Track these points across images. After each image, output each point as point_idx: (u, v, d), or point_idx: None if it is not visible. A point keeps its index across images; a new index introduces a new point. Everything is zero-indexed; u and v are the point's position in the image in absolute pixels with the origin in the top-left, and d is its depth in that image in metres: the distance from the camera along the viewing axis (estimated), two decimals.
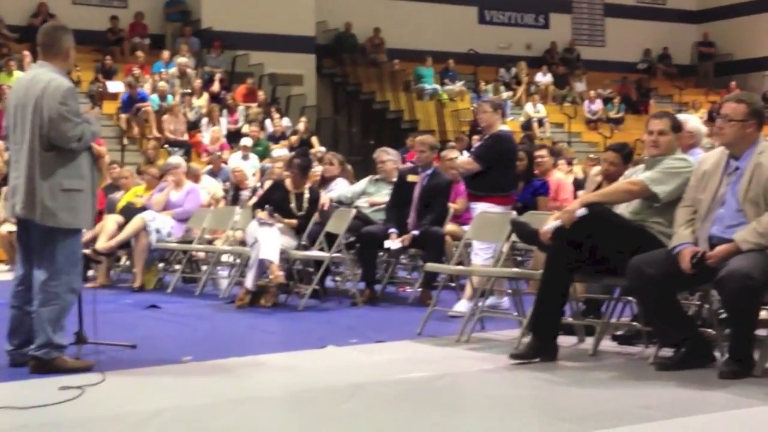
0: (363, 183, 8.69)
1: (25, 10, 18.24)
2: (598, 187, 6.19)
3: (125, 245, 9.00)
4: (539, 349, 5.04)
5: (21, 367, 4.83)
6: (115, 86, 16.96)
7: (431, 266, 6.78)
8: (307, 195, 7.98)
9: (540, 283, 5.16)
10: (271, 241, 7.35)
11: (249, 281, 7.42)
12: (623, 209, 5.16)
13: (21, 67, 16.06)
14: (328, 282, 8.31)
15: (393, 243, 7.54)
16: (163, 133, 15.95)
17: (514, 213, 6.57)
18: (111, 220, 9.04)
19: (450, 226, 7.93)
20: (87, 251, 7.85)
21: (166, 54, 18.15)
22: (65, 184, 4.81)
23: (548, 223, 5.08)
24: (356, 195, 8.51)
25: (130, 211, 9.18)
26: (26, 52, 16.59)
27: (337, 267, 8.42)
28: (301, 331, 6.53)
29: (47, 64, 4.95)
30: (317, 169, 9.40)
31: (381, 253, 7.97)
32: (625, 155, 6.35)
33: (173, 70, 17.68)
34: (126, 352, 5.36)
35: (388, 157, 8.64)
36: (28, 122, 4.81)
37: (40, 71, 4.93)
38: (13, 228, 10.93)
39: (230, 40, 19.16)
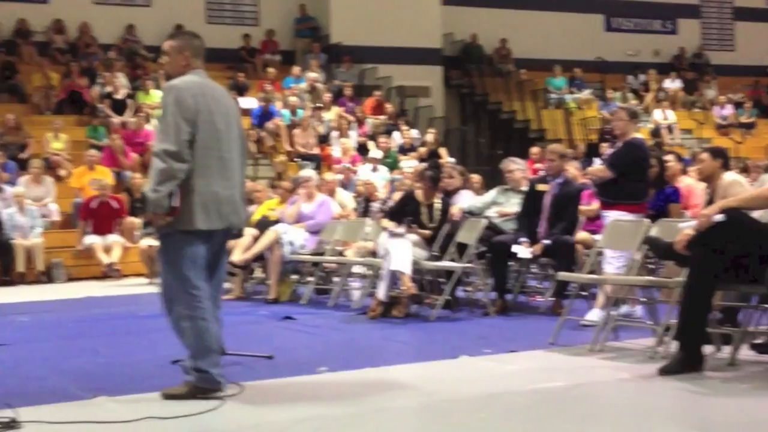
0: (492, 193, 8.66)
1: (161, 30, 19.01)
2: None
3: (259, 258, 9.25)
4: (687, 360, 4.92)
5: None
6: (248, 102, 17.45)
7: (563, 275, 6.70)
8: (438, 206, 8.01)
9: (684, 292, 5.03)
10: (402, 252, 7.41)
11: (381, 292, 7.49)
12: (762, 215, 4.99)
13: (158, 86, 16.75)
14: (459, 292, 8.31)
15: (523, 251, 7.50)
16: (294, 147, 16.30)
17: (647, 221, 6.43)
18: (246, 234, 9.29)
19: (581, 235, 7.82)
20: None
21: (296, 69, 18.57)
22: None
23: (682, 233, 4.97)
24: (486, 205, 8.49)
25: (264, 224, 9.42)
26: (162, 71, 17.29)
27: (467, 277, 8.41)
28: (434, 341, 6.54)
29: (205, 73, 4.88)
30: None
31: (511, 263, 7.93)
32: (722, 160, 6.14)
33: (303, 85, 18.07)
34: (263, 362, 5.49)
35: (516, 166, 8.59)
36: (235, 131, 4.81)
37: (208, 80, 4.86)
38: (154, 243, 11.44)
39: (358, 54, 19.47)
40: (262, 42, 19.94)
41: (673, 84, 21.66)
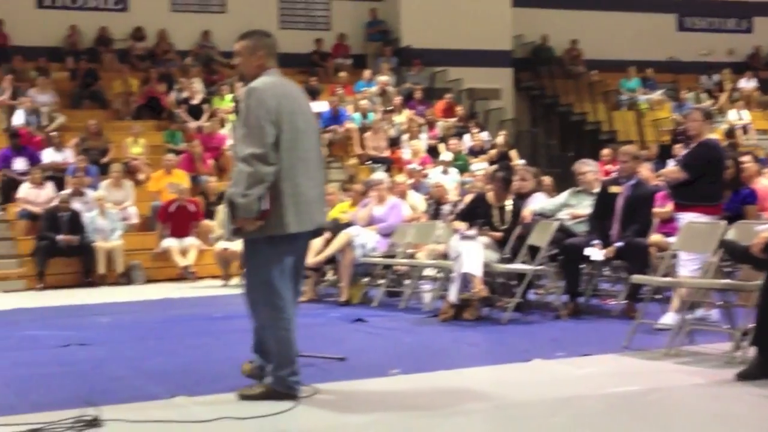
0: (564, 195, 8.61)
1: (236, 36, 19.26)
2: None
3: (331, 260, 9.34)
4: (765, 365, 4.83)
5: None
6: (320, 106, 17.61)
7: (637, 278, 6.63)
8: (509, 208, 8.00)
9: (761, 295, 4.94)
10: (473, 254, 7.42)
11: (452, 295, 7.51)
12: None
13: (232, 91, 17.01)
14: (530, 295, 8.28)
15: (596, 253, 7.45)
16: (365, 150, 16.40)
17: (723, 222, 6.33)
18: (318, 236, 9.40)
19: (654, 237, 7.73)
20: None
21: (367, 73, 18.69)
22: None
23: (759, 236, 4.89)
24: (558, 207, 8.45)
25: (336, 227, 9.51)
26: (236, 74, 17.53)
27: (539, 280, 8.37)
28: (506, 344, 6.54)
29: (277, 71, 4.79)
30: None
31: (583, 266, 7.87)
32: None
33: (374, 88, 18.17)
34: (336, 364, 5.55)
35: (588, 168, 8.52)
36: (313, 131, 4.79)
37: (285, 79, 4.81)
38: (229, 245, 11.63)
39: (429, 56, 19.50)
40: (333, 46, 20.11)
41: (748, 84, 21.16)
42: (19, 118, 15.07)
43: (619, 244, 7.45)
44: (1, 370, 5.83)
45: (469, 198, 9.27)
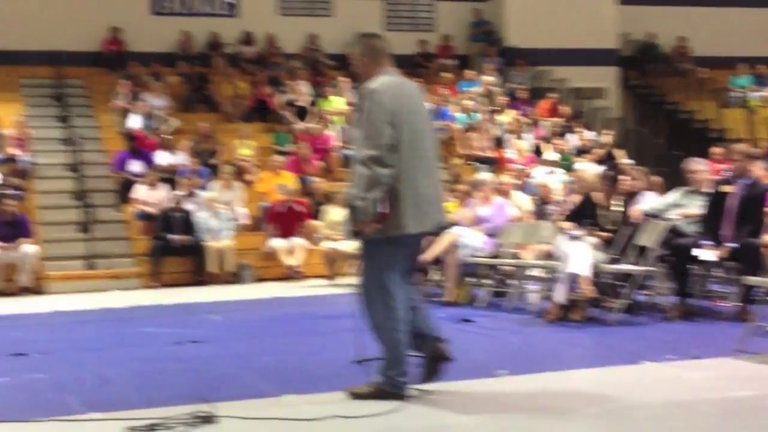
0: (674, 194, 8.43)
1: (342, 39, 19.56)
2: None
3: (436, 260, 9.36)
4: None
5: None
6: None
7: (752, 280, 6.44)
8: (617, 208, 7.88)
9: None
10: (581, 254, 7.34)
11: (559, 295, 7.44)
12: None
13: (338, 93, 17.22)
14: (638, 296, 8.12)
15: (707, 254, 7.27)
16: (470, 150, 16.36)
17: None
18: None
19: (767, 237, 7.48)
20: None
21: (470, 73, 18.65)
22: None
23: None
24: (667, 207, 8.27)
25: (441, 227, 9.50)
26: (344, 78, 17.77)
27: (647, 280, 8.21)
28: (614, 346, 6.43)
29: (393, 70, 4.77)
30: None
31: (693, 266, 7.69)
32: None
33: (478, 88, 18.12)
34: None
35: (699, 167, 8.32)
36: (430, 131, 4.75)
37: (402, 78, 4.78)
38: (336, 245, 11.79)
39: (533, 56, 19.34)
40: (438, 47, 20.13)
41: None
42: (134, 122, 15.59)
43: (734, 244, 7.25)
44: (119, 365, 6.03)
45: (575, 198, 9.15)
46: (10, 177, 13.82)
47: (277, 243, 13.17)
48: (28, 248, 12.29)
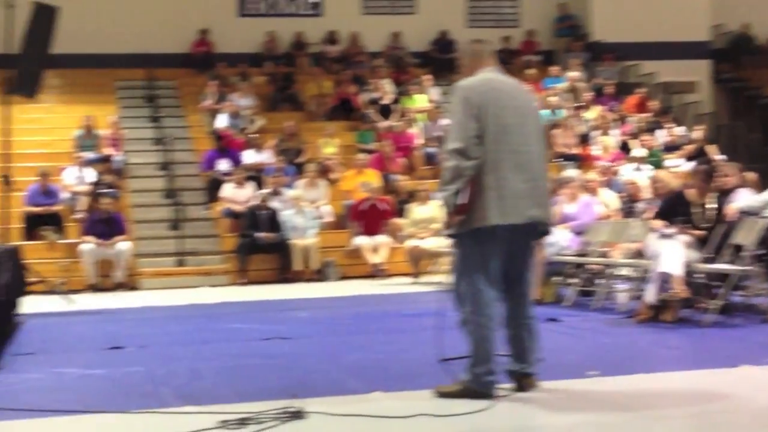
0: None
1: (425, 36, 19.55)
2: None
3: None
4: None
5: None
6: None
7: None
8: (711, 205, 7.68)
9: None
10: (673, 253, 7.18)
11: (650, 295, 7.29)
12: None
13: (422, 91, 17.21)
14: (734, 297, 7.91)
15: None
16: (555, 147, 16.17)
17: None
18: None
19: None
20: None
21: (555, 69, 18.43)
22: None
23: None
24: (765, 204, 8.02)
25: None
26: (427, 76, 17.76)
27: (744, 281, 7.99)
28: (709, 348, 6.29)
29: (500, 70, 4.86)
30: None
31: None
32: None
33: (563, 84, 17.89)
34: None
35: None
36: (532, 125, 4.75)
37: (507, 77, 4.87)
38: (420, 243, 11.79)
39: (620, 51, 19.01)
40: (522, 43, 19.95)
41: None
42: (222, 122, 15.85)
43: None
44: (211, 360, 6.14)
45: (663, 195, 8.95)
46: (105, 176, 14.20)
47: (362, 241, 13.23)
48: (123, 245, 12.61)
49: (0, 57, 10.40)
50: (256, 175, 14.53)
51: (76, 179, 13.96)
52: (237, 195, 13.98)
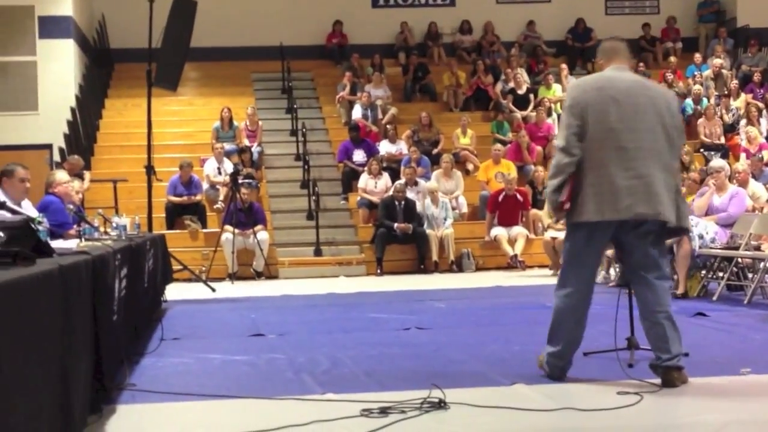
0: None
1: (561, 25, 19.20)
2: None
3: (668, 250, 8.97)
4: None
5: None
6: None
7: None
8: None
9: None
10: None
11: None
12: None
13: (559, 80, 16.90)
14: None
15: None
16: (699, 137, 15.61)
17: None
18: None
19: None
20: None
21: (698, 56, 17.79)
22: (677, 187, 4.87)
23: None
24: None
25: None
26: (563, 65, 17.43)
27: None
28: None
29: (625, 68, 4.92)
30: None
31: None
32: None
33: (707, 72, 17.24)
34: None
35: None
36: (649, 121, 4.72)
37: (631, 75, 4.94)
38: (557, 234, 11.58)
39: (767, 36, 18.18)
40: (662, 30, 19.36)
41: None
42: (357, 113, 16.00)
43: None
44: (350, 348, 6.18)
45: None
46: (243, 167, 14.54)
47: (498, 232, 13.11)
48: (262, 235, 12.88)
49: (142, 51, 10.76)
50: (392, 166, 14.59)
51: (215, 170, 14.34)
52: (372, 185, 14.07)
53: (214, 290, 10.44)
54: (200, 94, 17.73)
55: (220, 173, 14.26)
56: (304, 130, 15.55)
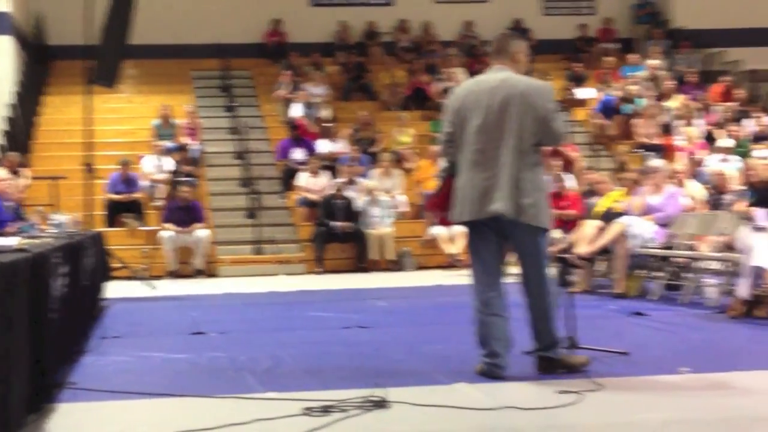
0: None
1: (498, 25, 19.29)
2: None
3: (604, 250, 9.08)
4: None
5: (492, 377, 4.88)
6: (585, 93, 17.22)
7: None
8: None
9: None
10: (766, 247, 6.94)
11: (742, 290, 7.06)
12: None
13: None
14: None
15: None
16: (636, 138, 15.85)
17: None
18: (590, 225, 9.17)
19: None
20: (568, 256, 8.03)
21: (633, 57, 18.07)
22: (541, 183, 4.90)
23: None
24: None
25: (609, 216, 9.25)
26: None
27: None
28: None
29: (504, 68, 4.94)
30: None
31: None
32: None
33: (643, 73, 17.52)
34: (618, 358, 5.36)
35: None
36: (513, 121, 4.78)
37: (503, 74, 4.91)
38: None
39: (703, 38, 18.52)
40: (599, 30, 19.61)
41: None
42: (296, 111, 15.91)
43: None
44: (291, 347, 6.13)
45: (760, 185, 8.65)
46: (183, 165, 14.38)
47: (438, 231, 13.15)
48: (202, 233, 12.76)
49: (80, 48, 10.58)
50: (331, 165, 14.55)
51: (154, 168, 14.17)
52: (312, 184, 14.02)
53: (154, 288, 10.30)
54: (140, 91, 17.50)
55: (159, 171, 14.08)
56: (244, 128, 15.42)
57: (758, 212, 7.35)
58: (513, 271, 5.17)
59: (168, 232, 12.57)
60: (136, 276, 10.90)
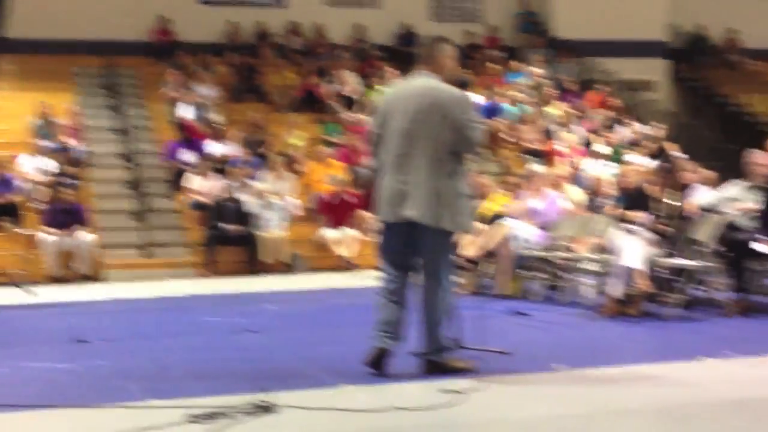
0: (733, 188, 8.30)
1: (389, 30, 19.56)
2: None
3: (489, 253, 9.32)
4: None
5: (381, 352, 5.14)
6: (473, 98, 17.54)
7: None
8: (671, 201, 7.80)
9: None
10: (635, 248, 7.28)
11: (614, 289, 7.39)
12: None
13: (385, 84, 17.17)
14: (696, 291, 8.04)
15: (763, 248, 7.18)
16: (520, 142, 16.26)
17: None
18: (476, 228, 9.39)
19: None
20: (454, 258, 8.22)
21: (515, 64, 18.53)
22: (462, 189, 5.06)
23: None
24: (724, 201, 8.16)
25: (492, 219, 9.50)
26: (388, 69, 17.74)
27: (704, 276, 8.12)
28: (671, 341, 6.40)
29: (430, 74, 5.09)
30: None
31: (751, 262, 7.57)
32: None
33: (525, 80, 17.98)
34: (499, 357, 5.54)
35: (761, 160, 8.19)
36: (431, 128, 4.95)
37: (425, 80, 5.08)
38: None
39: (581, 48, 19.12)
40: (485, 38, 20.02)
41: None
42: (184, 111, 15.70)
43: None
44: (178, 353, 6.12)
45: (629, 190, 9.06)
46: (64, 166, 14.02)
47: (329, 233, 13.22)
48: (85, 236, 12.47)
49: None
50: (221, 167, 14.44)
51: (34, 169, 13.76)
52: (202, 186, 13.88)
53: (36, 294, 10.02)
54: (16, 88, 16.79)
55: (39, 172, 13.69)
56: (130, 128, 15.13)
57: (638, 216, 7.67)
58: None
59: (47, 236, 12.22)
60: (14, 282, 10.56)
